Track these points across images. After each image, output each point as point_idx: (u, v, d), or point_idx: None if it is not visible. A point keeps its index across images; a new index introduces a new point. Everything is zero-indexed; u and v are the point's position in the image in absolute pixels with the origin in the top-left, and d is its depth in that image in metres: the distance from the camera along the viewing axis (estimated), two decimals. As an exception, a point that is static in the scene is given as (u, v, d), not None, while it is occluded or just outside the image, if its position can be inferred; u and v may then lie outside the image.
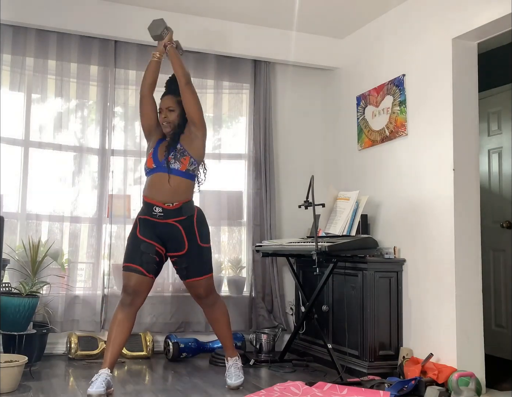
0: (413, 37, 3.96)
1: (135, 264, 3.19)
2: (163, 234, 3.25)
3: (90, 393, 2.94)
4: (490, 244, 4.52)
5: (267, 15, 4.40)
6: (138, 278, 3.17)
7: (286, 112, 4.93)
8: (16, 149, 4.17)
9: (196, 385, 3.45)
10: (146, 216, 3.27)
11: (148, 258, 3.21)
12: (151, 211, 3.24)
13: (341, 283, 3.99)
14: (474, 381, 3.11)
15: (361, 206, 3.94)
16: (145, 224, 3.27)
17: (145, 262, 3.20)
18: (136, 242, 3.24)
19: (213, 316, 3.44)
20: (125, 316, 3.16)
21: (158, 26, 3.37)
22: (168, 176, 3.20)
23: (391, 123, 4.12)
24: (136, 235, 3.26)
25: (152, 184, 3.26)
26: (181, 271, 3.34)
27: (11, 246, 3.99)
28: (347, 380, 3.47)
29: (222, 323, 3.46)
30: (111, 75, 4.36)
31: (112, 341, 3.12)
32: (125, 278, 3.20)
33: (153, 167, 3.26)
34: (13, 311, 3.49)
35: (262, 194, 4.64)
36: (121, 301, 3.19)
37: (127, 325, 3.16)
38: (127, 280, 3.19)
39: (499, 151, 4.66)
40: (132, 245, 3.26)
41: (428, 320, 3.65)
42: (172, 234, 3.26)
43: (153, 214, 3.23)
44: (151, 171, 3.28)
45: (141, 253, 3.21)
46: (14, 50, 4.10)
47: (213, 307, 3.43)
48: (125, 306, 3.17)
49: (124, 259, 3.27)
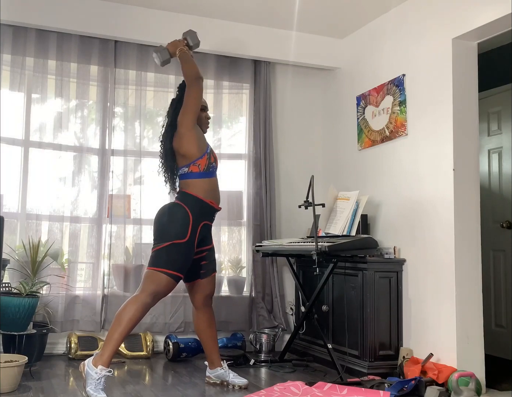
0: (413, 37, 3.96)
1: (182, 274, 3.18)
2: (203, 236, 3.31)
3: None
4: (490, 244, 4.52)
5: (267, 15, 4.40)
6: (175, 286, 3.20)
7: (286, 112, 4.93)
8: (16, 149, 4.17)
9: (196, 385, 3.44)
10: (207, 221, 3.30)
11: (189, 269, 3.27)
12: (212, 216, 3.32)
13: (341, 283, 3.99)
14: (474, 381, 3.10)
15: (361, 206, 3.94)
16: (203, 230, 3.27)
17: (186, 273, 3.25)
18: (192, 251, 3.21)
19: (210, 318, 3.44)
20: (141, 316, 3.10)
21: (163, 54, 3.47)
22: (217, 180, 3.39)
23: (391, 123, 4.12)
24: (193, 244, 3.20)
25: (215, 186, 3.33)
26: (210, 265, 3.40)
27: (11, 246, 3.99)
28: (347, 380, 3.47)
29: (214, 326, 3.48)
30: (111, 75, 4.36)
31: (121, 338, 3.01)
32: (164, 284, 3.11)
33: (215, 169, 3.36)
34: (13, 311, 3.49)
35: (262, 194, 4.64)
36: (148, 302, 3.09)
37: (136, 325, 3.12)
38: (168, 288, 3.14)
39: (499, 151, 4.67)
40: (189, 254, 3.19)
41: (428, 320, 3.66)
42: (209, 231, 3.40)
43: (212, 219, 3.35)
44: (215, 172, 3.36)
45: (190, 265, 3.23)
46: (14, 50, 4.10)
47: (211, 308, 3.45)
48: (148, 307, 3.11)
49: (173, 266, 3.12)
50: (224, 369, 3.42)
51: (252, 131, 4.71)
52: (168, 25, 4.31)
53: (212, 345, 3.45)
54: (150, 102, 4.59)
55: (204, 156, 3.27)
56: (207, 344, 3.45)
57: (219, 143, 4.66)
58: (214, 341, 3.45)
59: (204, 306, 3.43)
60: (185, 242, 3.14)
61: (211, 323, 3.44)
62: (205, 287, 3.39)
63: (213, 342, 3.45)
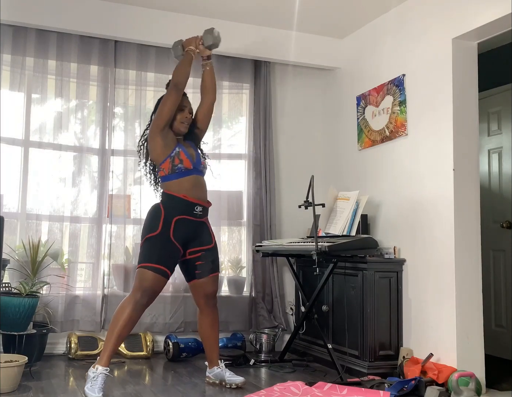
0: (413, 37, 3.96)
1: (164, 267, 3.15)
2: (194, 232, 3.30)
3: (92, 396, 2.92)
4: (490, 244, 4.52)
5: (267, 15, 4.40)
6: (163, 281, 3.17)
7: (286, 112, 4.93)
8: (16, 149, 4.17)
9: (196, 385, 3.45)
10: (185, 216, 3.25)
11: (175, 263, 3.26)
12: (192, 210, 3.25)
13: (341, 283, 3.99)
14: (474, 381, 3.10)
15: (361, 206, 3.94)
16: (180, 226, 3.23)
17: (171, 266, 3.21)
18: (168, 244, 3.19)
19: (214, 318, 3.44)
20: (137, 315, 3.11)
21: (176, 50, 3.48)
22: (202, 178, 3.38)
23: (391, 123, 4.12)
24: (169, 237, 3.19)
25: (192, 184, 3.28)
26: (206, 266, 3.36)
27: (11, 246, 3.99)
28: (347, 380, 3.47)
29: (217, 326, 3.47)
30: (111, 75, 4.36)
31: (118, 338, 3.05)
32: (150, 279, 3.11)
33: (191, 168, 3.29)
34: (13, 311, 3.49)
35: (262, 194, 4.64)
36: (137, 300, 3.10)
37: (135, 324, 3.14)
38: (153, 282, 3.12)
39: (499, 151, 4.66)
40: (164, 246, 3.18)
41: (428, 320, 3.65)
42: (202, 230, 3.35)
43: (194, 213, 3.26)
44: (189, 172, 3.29)
45: (173, 257, 3.21)
46: (14, 50, 4.10)
47: (214, 308, 3.44)
48: (140, 306, 3.11)
49: (152, 259, 3.14)
50: (221, 368, 3.42)
51: (252, 131, 4.71)
52: (168, 25, 4.30)
53: (212, 345, 3.46)
54: (150, 102, 4.57)
55: (166, 160, 3.26)
56: (207, 344, 3.47)
57: (219, 143, 4.66)
58: (215, 342, 3.46)
59: (207, 307, 3.42)
60: (157, 234, 3.18)
61: (213, 325, 3.44)
62: (203, 287, 3.38)
63: (214, 342, 3.46)
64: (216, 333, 3.47)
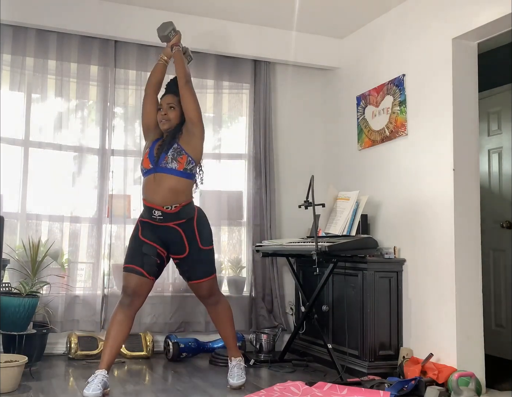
0: (413, 37, 3.96)
1: (136, 266, 3.17)
2: (164, 237, 3.24)
3: (87, 395, 2.94)
4: (490, 244, 4.52)
5: (267, 15, 4.40)
6: (139, 280, 3.16)
7: (286, 112, 4.93)
8: (16, 149, 4.17)
9: (196, 385, 3.44)
10: (147, 220, 3.25)
11: (150, 260, 3.20)
12: (151, 215, 3.19)
13: (341, 283, 3.99)
14: (474, 381, 3.10)
15: (361, 206, 3.94)
16: (146, 227, 3.25)
17: (146, 264, 3.19)
18: (137, 243, 3.23)
19: (216, 315, 3.44)
20: (124, 317, 3.15)
21: (166, 28, 3.42)
22: (166, 176, 3.13)
23: (391, 123, 4.12)
24: (138, 236, 3.25)
25: (150, 186, 3.17)
26: (183, 273, 3.37)
27: (11, 246, 3.98)
28: (347, 380, 3.47)
29: (225, 322, 3.45)
30: (111, 75, 4.36)
31: (110, 341, 3.11)
32: (125, 279, 3.19)
33: (150, 168, 3.18)
34: (13, 311, 3.49)
35: (262, 194, 4.64)
36: (120, 301, 3.18)
37: (125, 326, 3.15)
38: (127, 281, 3.17)
39: (499, 151, 4.66)
40: (134, 246, 3.25)
41: (428, 320, 3.65)
42: (172, 237, 3.23)
43: (153, 218, 3.19)
44: (148, 171, 3.20)
45: (143, 255, 3.20)
46: (14, 50, 4.10)
47: (216, 307, 3.43)
48: (124, 307, 3.16)
49: (125, 260, 3.25)
50: (230, 366, 3.44)
51: (252, 131, 4.71)
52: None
53: (225, 340, 3.49)
54: (150, 102, 4.58)
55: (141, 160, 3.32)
56: (222, 338, 3.53)
57: (219, 143, 4.66)
58: (226, 337, 3.47)
59: (206, 306, 3.46)
60: (131, 236, 3.33)
61: (218, 321, 3.45)
62: (193, 289, 3.41)
63: (226, 338, 3.47)
64: (225, 329, 3.45)
